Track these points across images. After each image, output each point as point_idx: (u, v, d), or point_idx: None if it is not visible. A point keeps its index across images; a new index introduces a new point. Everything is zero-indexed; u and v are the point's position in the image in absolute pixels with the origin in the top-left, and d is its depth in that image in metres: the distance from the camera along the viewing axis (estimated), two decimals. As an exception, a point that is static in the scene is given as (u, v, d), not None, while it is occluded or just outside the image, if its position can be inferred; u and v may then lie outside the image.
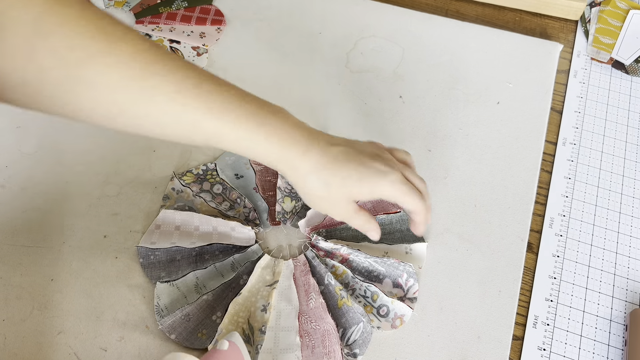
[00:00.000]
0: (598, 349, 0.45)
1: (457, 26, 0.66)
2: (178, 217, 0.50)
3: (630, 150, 0.57)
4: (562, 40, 0.66)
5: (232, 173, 0.54)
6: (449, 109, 0.59)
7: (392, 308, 0.46)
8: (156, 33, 0.66)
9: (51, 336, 0.45)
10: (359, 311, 0.45)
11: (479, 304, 0.47)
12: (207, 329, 0.45)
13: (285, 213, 0.51)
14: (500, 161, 0.55)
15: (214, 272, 0.47)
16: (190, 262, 0.48)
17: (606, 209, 0.53)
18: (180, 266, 0.48)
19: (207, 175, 0.53)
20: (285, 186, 0.52)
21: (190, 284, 0.46)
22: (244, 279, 0.47)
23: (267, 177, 0.53)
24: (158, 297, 0.45)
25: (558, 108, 0.60)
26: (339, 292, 0.46)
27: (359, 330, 0.44)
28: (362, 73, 0.62)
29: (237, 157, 0.55)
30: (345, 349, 0.44)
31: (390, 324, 0.46)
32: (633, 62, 0.62)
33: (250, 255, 0.48)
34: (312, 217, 0.50)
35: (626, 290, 0.48)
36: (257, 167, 0.54)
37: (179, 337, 0.44)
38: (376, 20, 0.67)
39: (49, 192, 0.53)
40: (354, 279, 0.47)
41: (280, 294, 0.46)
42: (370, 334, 0.45)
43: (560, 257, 0.50)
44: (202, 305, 0.45)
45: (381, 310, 0.46)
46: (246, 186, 0.53)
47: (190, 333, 0.44)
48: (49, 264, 0.48)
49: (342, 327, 0.45)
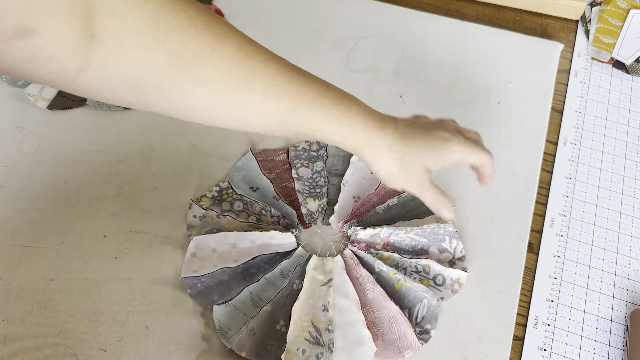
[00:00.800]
0: (599, 349, 0.45)
1: (457, 26, 0.66)
2: (211, 240, 0.49)
3: (631, 150, 0.57)
4: (563, 40, 0.65)
5: (246, 187, 0.53)
6: (449, 109, 0.59)
7: (446, 275, 0.47)
8: (156, 33, 0.65)
9: (51, 336, 0.45)
10: (420, 289, 0.46)
11: (479, 304, 0.47)
12: (275, 339, 0.45)
13: (313, 214, 0.51)
14: (501, 161, 0.55)
15: (265, 283, 0.47)
16: (239, 280, 0.48)
17: (607, 209, 0.53)
18: (230, 286, 0.47)
19: (224, 194, 0.52)
20: (303, 188, 0.52)
21: (246, 300, 0.46)
22: (297, 284, 0.47)
23: (282, 183, 0.53)
24: (218, 321, 0.45)
25: (559, 108, 0.60)
26: (394, 276, 0.47)
27: (424, 307, 0.45)
28: (362, 73, 0.62)
29: (247, 170, 0.54)
30: (417, 328, 0.45)
31: (450, 290, 0.47)
32: (634, 61, 0.62)
33: (298, 260, 0.48)
34: (341, 212, 0.51)
35: (627, 291, 0.48)
36: (270, 175, 0.53)
37: (250, 354, 0.44)
38: (376, 20, 0.67)
39: (48, 192, 0.53)
40: (402, 259, 0.48)
41: (337, 291, 0.46)
42: (437, 307, 0.46)
43: (560, 257, 0.50)
44: (264, 317, 0.45)
45: (437, 280, 0.47)
46: (265, 196, 0.52)
47: (259, 347, 0.44)
48: (49, 264, 0.48)
49: (407, 307, 0.46)
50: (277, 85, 0.36)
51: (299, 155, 0.55)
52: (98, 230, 0.50)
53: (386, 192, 0.52)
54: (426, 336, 0.45)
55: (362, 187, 0.53)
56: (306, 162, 0.54)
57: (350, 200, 0.52)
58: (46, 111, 0.59)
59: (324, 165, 0.54)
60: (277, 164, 0.55)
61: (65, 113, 0.59)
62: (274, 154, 0.55)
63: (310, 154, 0.55)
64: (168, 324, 0.46)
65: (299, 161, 0.54)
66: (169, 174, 0.54)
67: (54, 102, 0.59)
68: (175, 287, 0.47)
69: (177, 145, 0.56)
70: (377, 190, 0.52)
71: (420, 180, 0.43)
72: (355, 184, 0.53)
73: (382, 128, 0.41)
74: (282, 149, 0.56)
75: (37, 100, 0.58)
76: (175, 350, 0.44)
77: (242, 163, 0.55)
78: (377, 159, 0.41)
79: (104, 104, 0.59)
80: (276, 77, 0.36)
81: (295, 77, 0.37)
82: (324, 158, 0.54)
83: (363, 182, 0.53)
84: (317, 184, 0.53)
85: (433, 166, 0.42)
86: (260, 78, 0.35)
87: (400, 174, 0.42)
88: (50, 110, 0.59)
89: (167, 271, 0.48)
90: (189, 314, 0.46)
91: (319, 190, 0.52)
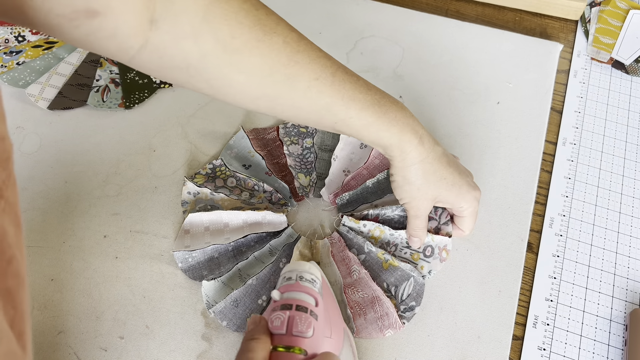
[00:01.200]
0: (598, 348, 0.45)
1: (457, 26, 0.66)
2: (205, 217, 0.50)
3: (630, 150, 0.57)
4: (562, 40, 0.66)
5: (239, 164, 0.54)
6: (449, 109, 0.59)
7: (434, 245, 0.48)
8: (156, 33, 0.65)
9: (51, 336, 0.45)
10: (407, 268, 0.47)
11: (479, 304, 0.47)
12: (256, 313, 0.45)
13: (305, 187, 0.53)
14: (500, 161, 0.55)
15: (253, 261, 0.48)
16: (229, 257, 0.49)
17: (606, 209, 0.53)
18: (220, 262, 0.48)
19: (217, 172, 0.54)
20: (295, 164, 0.54)
21: (234, 276, 0.47)
22: (283, 262, 0.48)
23: (274, 159, 0.55)
24: (206, 295, 0.46)
25: (558, 108, 0.60)
26: (382, 256, 0.47)
27: (410, 285, 0.46)
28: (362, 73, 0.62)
29: (239, 149, 0.55)
30: (401, 305, 0.46)
31: (438, 260, 0.48)
32: (633, 62, 0.62)
33: (287, 239, 0.49)
34: (331, 184, 0.52)
35: (626, 290, 0.48)
36: (262, 152, 0.55)
37: (230, 324, 0.45)
38: (376, 20, 0.67)
39: (49, 192, 0.53)
40: (393, 236, 0.49)
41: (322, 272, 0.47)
42: (423, 285, 0.47)
43: (560, 257, 0.50)
44: (248, 290, 0.46)
45: (427, 252, 0.49)
46: (258, 173, 0.54)
47: (240, 319, 0.45)
48: (49, 264, 0.48)
49: (394, 285, 0.47)
50: (320, 80, 0.38)
51: (288, 132, 0.56)
52: (99, 230, 0.50)
53: (375, 166, 0.54)
54: (410, 313, 0.45)
55: (351, 161, 0.54)
56: (296, 139, 0.56)
57: (340, 174, 0.54)
58: (47, 111, 0.59)
59: (313, 142, 0.55)
60: (269, 142, 0.56)
61: (65, 113, 0.59)
62: (264, 132, 0.57)
63: (300, 131, 0.57)
64: (168, 323, 0.46)
65: (289, 138, 0.56)
66: (170, 174, 0.54)
67: (55, 102, 0.59)
68: (176, 287, 0.47)
69: (177, 145, 0.56)
70: (366, 164, 0.53)
71: (426, 208, 0.45)
72: (345, 159, 0.54)
73: (420, 141, 0.42)
74: (272, 127, 0.57)
75: (37, 100, 0.58)
76: (175, 349, 0.44)
77: (233, 141, 0.56)
78: (403, 168, 0.43)
79: (104, 103, 0.59)
80: (321, 72, 0.38)
81: (339, 74, 0.39)
82: (313, 135, 0.56)
83: (352, 157, 0.55)
84: (307, 159, 0.55)
85: (442, 200, 0.44)
86: (305, 71, 0.37)
87: (412, 190, 0.43)
88: (51, 110, 0.59)
89: (167, 271, 0.48)
90: (189, 314, 0.46)
91: (310, 166, 0.54)
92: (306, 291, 0.37)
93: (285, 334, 0.34)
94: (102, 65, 0.63)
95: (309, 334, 0.34)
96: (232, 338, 0.45)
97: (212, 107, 0.59)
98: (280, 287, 0.38)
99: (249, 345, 0.33)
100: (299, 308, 0.35)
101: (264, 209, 0.50)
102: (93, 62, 0.62)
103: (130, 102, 0.59)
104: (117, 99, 0.60)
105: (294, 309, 0.35)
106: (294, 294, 0.37)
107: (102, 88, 0.60)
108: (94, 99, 0.59)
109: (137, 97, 0.60)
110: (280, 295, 0.37)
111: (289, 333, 0.34)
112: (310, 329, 0.34)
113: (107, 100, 0.59)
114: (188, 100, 0.60)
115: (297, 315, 0.35)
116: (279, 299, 0.37)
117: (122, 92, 0.60)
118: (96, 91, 0.60)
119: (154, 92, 0.61)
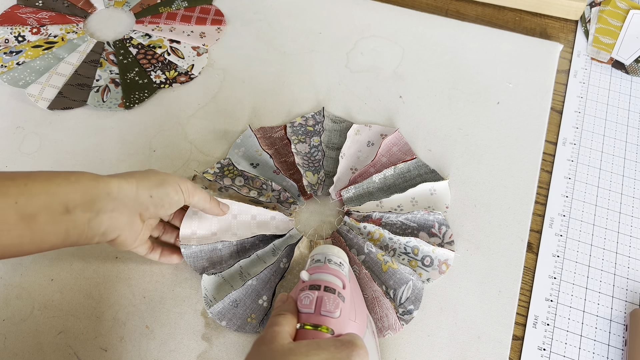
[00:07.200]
0: (598, 349, 0.45)
1: (457, 26, 0.66)
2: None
3: (630, 150, 0.57)
4: (562, 40, 0.66)
5: (247, 163, 0.54)
6: (449, 109, 0.59)
7: (434, 256, 0.48)
8: (156, 33, 0.66)
9: (51, 336, 0.45)
10: (406, 271, 0.47)
11: (479, 304, 0.47)
12: (256, 313, 0.45)
13: (313, 185, 0.53)
14: (500, 161, 0.55)
15: (255, 259, 0.48)
16: (232, 253, 0.49)
17: (606, 209, 0.53)
18: (222, 257, 0.48)
19: (225, 171, 0.54)
20: (303, 162, 0.54)
21: (235, 273, 0.47)
22: (284, 262, 0.48)
23: (282, 158, 0.55)
24: (205, 289, 0.46)
25: (558, 108, 0.60)
26: (382, 257, 0.47)
27: (409, 289, 0.46)
28: (362, 73, 0.62)
29: (247, 147, 0.55)
30: (400, 308, 0.46)
31: (437, 271, 0.48)
32: (633, 62, 0.62)
33: (289, 240, 0.49)
34: (339, 183, 0.53)
35: (626, 290, 0.48)
36: (270, 151, 0.55)
37: (229, 324, 0.45)
38: (376, 20, 0.67)
39: (49, 192, 0.53)
40: (392, 240, 0.49)
41: None
42: (421, 289, 0.47)
43: (560, 257, 0.50)
44: (248, 291, 0.46)
45: (425, 261, 0.48)
46: (266, 171, 0.54)
47: (239, 319, 0.45)
48: (49, 264, 0.48)
49: (392, 288, 0.46)
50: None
51: (295, 130, 0.56)
52: (98, 230, 0.50)
53: (382, 164, 0.54)
54: (408, 316, 0.46)
55: (358, 159, 0.55)
56: (303, 138, 0.56)
57: (347, 171, 0.54)
58: (47, 111, 0.59)
59: (320, 140, 0.55)
60: (276, 140, 0.56)
61: (65, 113, 0.59)
62: (272, 130, 0.57)
63: (307, 129, 0.56)
64: (168, 323, 0.46)
65: (296, 137, 0.56)
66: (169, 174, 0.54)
67: (55, 102, 0.59)
68: (176, 287, 0.47)
69: (177, 145, 0.56)
70: (373, 162, 0.54)
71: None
72: (352, 157, 0.55)
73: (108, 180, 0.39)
74: (279, 126, 0.57)
75: (37, 100, 0.58)
76: (175, 350, 0.44)
77: (241, 140, 0.56)
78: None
79: (104, 103, 0.59)
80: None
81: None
82: (320, 133, 0.56)
83: (360, 155, 0.55)
84: (314, 158, 0.55)
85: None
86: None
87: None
88: (51, 111, 0.59)
89: (167, 271, 0.48)
90: (189, 314, 0.46)
91: (318, 165, 0.54)
92: (334, 273, 0.38)
93: (314, 313, 0.35)
94: (102, 65, 0.63)
95: (336, 314, 0.35)
96: (232, 338, 0.45)
97: (212, 107, 0.59)
98: (308, 268, 0.39)
99: (277, 320, 0.34)
100: (327, 289, 0.36)
101: (273, 209, 0.50)
102: (93, 62, 0.63)
103: (130, 102, 0.59)
104: (117, 99, 0.60)
105: (322, 290, 0.36)
106: (322, 275, 0.37)
107: (102, 88, 0.60)
108: (94, 99, 0.59)
109: (137, 97, 0.60)
110: (309, 276, 0.38)
111: (317, 312, 0.35)
112: (338, 309, 0.35)
113: (107, 100, 0.59)
114: (188, 100, 0.60)
115: (326, 296, 0.35)
116: (307, 279, 0.37)
117: (122, 92, 0.60)
118: (96, 91, 0.60)
119: (154, 92, 0.61)
